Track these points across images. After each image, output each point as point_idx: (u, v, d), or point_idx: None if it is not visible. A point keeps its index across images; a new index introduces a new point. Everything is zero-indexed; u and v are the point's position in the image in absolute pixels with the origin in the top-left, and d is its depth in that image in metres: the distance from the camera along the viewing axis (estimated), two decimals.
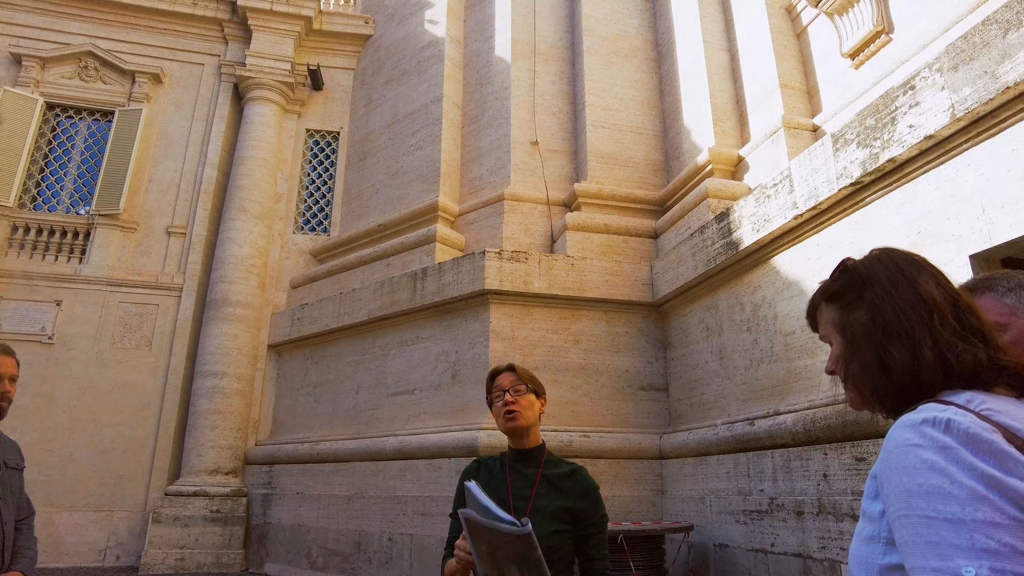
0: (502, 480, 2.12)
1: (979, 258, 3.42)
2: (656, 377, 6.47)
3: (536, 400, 2.19)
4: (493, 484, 2.10)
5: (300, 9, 9.93)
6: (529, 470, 2.12)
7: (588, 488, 2.10)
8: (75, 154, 9.35)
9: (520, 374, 2.20)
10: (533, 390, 2.19)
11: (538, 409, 2.19)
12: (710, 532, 5.19)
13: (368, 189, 9.10)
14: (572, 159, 8.00)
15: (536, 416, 2.17)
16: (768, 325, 5.01)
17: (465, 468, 2.23)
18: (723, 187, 6.37)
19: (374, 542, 6.41)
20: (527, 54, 8.34)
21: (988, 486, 0.77)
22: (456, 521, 2.11)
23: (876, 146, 3.94)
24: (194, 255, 8.90)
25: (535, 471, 2.11)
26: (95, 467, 7.87)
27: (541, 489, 2.07)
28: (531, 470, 2.11)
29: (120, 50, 9.64)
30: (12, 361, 2.40)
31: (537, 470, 2.11)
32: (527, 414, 2.13)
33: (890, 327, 0.97)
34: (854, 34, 5.83)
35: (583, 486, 2.10)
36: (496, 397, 2.19)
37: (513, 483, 2.10)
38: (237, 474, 7.98)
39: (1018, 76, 3.12)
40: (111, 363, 8.27)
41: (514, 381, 2.17)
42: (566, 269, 6.49)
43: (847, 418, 3.94)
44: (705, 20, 7.39)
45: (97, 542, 7.66)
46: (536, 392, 2.20)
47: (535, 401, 2.18)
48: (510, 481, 2.11)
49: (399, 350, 7.12)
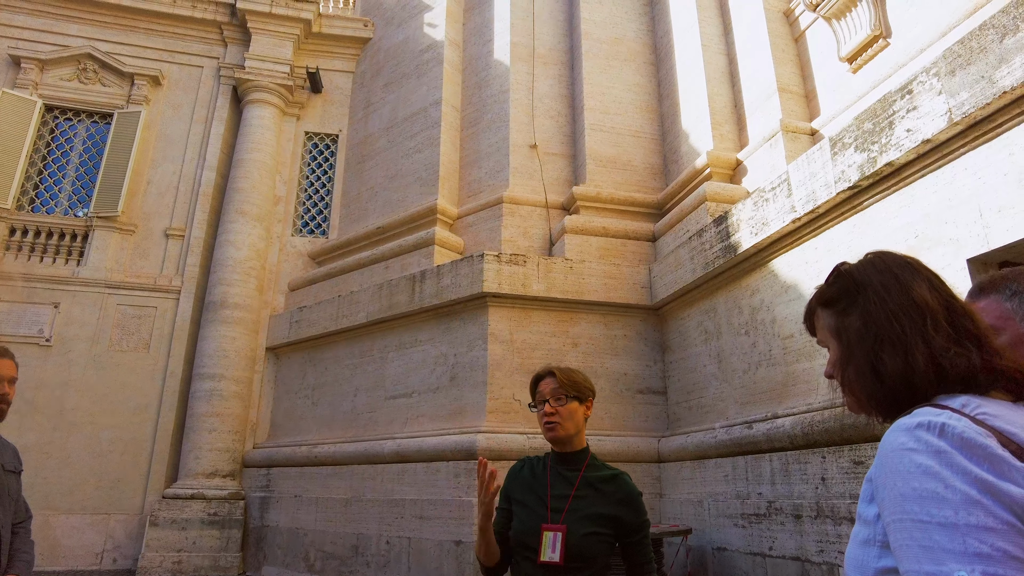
0: (543, 480, 2.14)
1: (976, 262, 3.43)
2: (654, 380, 6.47)
3: (579, 407, 2.16)
4: (534, 483, 2.15)
5: (299, 12, 9.94)
6: (570, 472, 2.12)
7: (629, 493, 2.09)
8: (73, 156, 9.35)
9: (561, 379, 2.16)
10: (576, 396, 2.15)
11: (581, 416, 2.16)
12: (708, 536, 5.19)
13: (367, 192, 9.10)
14: (571, 162, 8.01)
15: (578, 424, 2.15)
16: (766, 328, 5.02)
17: (512, 466, 2.27)
18: (721, 190, 6.38)
19: (372, 545, 6.40)
20: (526, 57, 8.36)
21: (982, 490, 0.77)
22: (501, 515, 2.18)
23: (874, 150, 3.95)
24: (192, 257, 8.89)
25: (576, 473, 2.11)
26: (92, 470, 7.85)
27: (580, 491, 2.08)
28: (572, 472, 2.12)
29: (119, 52, 9.64)
30: (11, 363, 2.39)
31: (578, 472, 2.11)
32: (567, 424, 2.12)
33: (882, 333, 0.97)
34: (852, 38, 5.85)
35: (623, 491, 2.09)
36: (539, 403, 2.18)
37: (553, 483, 2.11)
38: (235, 477, 7.97)
39: (1015, 81, 3.13)
40: (109, 365, 8.26)
41: (555, 389, 2.14)
42: (564, 272, 6.49)
43: (845, 422, 3.95)
44: (703, 24, 7.41)
45: (94, 545, 7.64)
46: (580, 397, 2.16)
47: (577, 408, 2.15)
48: (550, 481, 2.12)
49: (397, 353, 7.11)
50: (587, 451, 2.18)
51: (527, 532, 2.06)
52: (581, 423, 2.16)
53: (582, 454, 2.16)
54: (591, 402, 2.21)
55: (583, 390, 2.18)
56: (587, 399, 2.19)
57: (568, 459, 2.15)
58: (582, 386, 2.18)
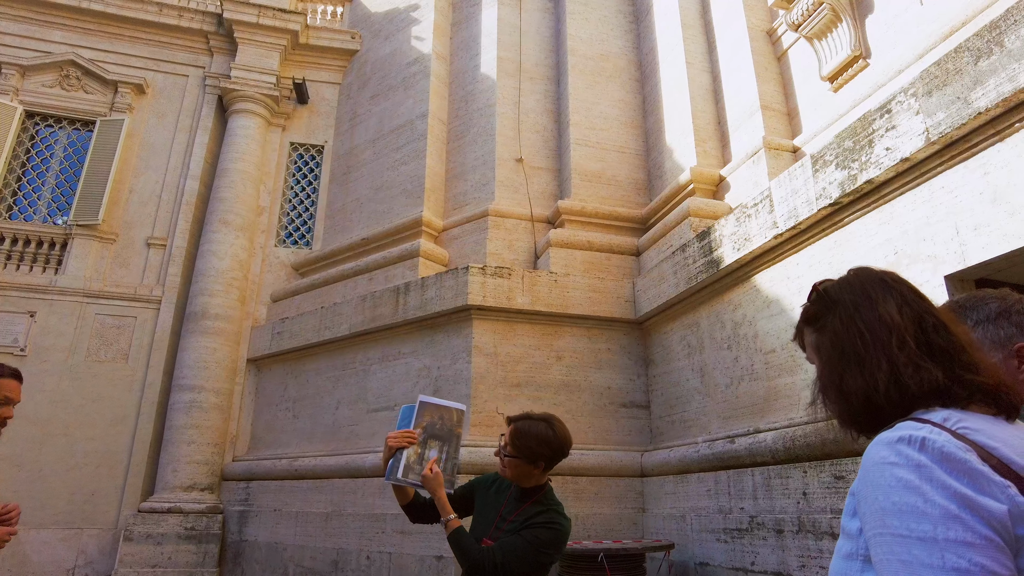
0: (501, 501, 2.40)
1: (954, 279, 3.48)
2: (638, 394, 6.48)
3: (526, 466, 2.30)
4: (495, 501, 2.43)
5: (286, 23, 9.94)
6: (520, 503, 2.36)
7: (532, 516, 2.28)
8: (54, 163, 9.23)
9: (511, 434, 2.33)
10: (520, 456, 2.29)
11: (527, 473, 2.32)
12: (691, 551, 5.18)
13: (352, 203, 9.07)
14: (556, 176, 8.05)
15: (522, 477, 2.33)
16: (749, 343, 5.05)
17: (485, 476, 2.54)
18: (704, 206, 6.44)
19: (352, 560, 6.31)
20: (513, 72, 8.42)
21: (961, 505, 0.78)
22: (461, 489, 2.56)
23: (854, 167, 4.02)
24: (174, 267, 8.79)
25: (523, 504, 2.35)
26: (65, 483, 7.68)
27: (518, 519, 2.32)
28: (520, 504, 2.35)
29: (103, 60, 9.56)
30: (16, 385, 2.40)
31: (525, 504, 2.34)
32: (510, 472, 2.35)
33: (846, 350, 0.99)
34: (833, 58, 5.96)
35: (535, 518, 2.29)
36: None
37: (508, 505, 2.37)
38: (213, 490, 7.83)
39: (989, 102, 3.21)
40: (86, 376, 8.11)
41: (509, 440, 2.34)
42: (549, 285, 6.50)
43: (826, 437, 3.97)
44: (688, 42, 7.52)
45: (65, 561, 7.44)
46: (526, 459, 2.29)
47: (522, 466, 2.31)
48: (506, 503, 2.38)
49: (380, 365, 7.06)
50: (539, 489, 2.35)
51: (476, 539, 2.34)
52: (525, 473, 2.32)
53: (534, 491, 2.35)
54: (543, 465, 2.32)
55: (532, 455, 2.29)
56: (535, 461, 2.30)
57: (523, 492, 2.36)
58: (532, 450, 2.29)
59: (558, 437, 2.33)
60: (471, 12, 9.14)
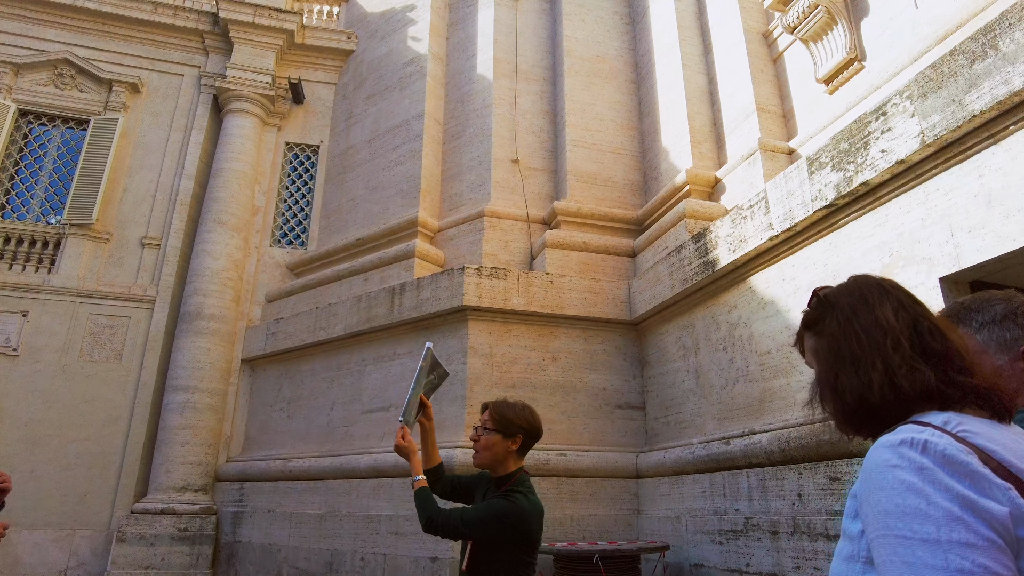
0: (481, 496, 2.42)
1: (948, 281, 3.50)
2: (633, 395, 6.48)
3: (501, 440, 2.33)
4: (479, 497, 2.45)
5: (283, 23, 9.91)
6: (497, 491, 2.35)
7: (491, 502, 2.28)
8: (47, 162, 9.18)
9: (491, 412, 2.39)
10: (498, 429, 2.34)
11: (501, 448, 2.34)
12: (686, 552, 5.18)
13: (347, 203, 9.05)
14: (552, 177, 8.05)
15: (496, 455, 2.35)
16: (744, 345, 5.06)
17: (480, 473, 2.53)
18: (700, 208, 6.45)
19: (347, 562, 6.29)
20: (509, 73, 8.42)
21: (963, 507, 0.78)
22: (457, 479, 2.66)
23: (850, 169, 4.03)
24: (168, 267, 8.75)
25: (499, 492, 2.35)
26: (58, 484, 7.63)
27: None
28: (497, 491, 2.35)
29: (97, 58, 9.52)
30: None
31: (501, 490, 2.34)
32: (484, 454, 2.35)
33: (842, 353, 1.02)
34: (828, 61, 5.98)
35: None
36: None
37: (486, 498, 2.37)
38: (207, 491, 7.79)
39: (984, 105, 3.22)
40: (78, 376, 8.06)
41: (484, 420, 2.39)
42: (545, 286, 6.50)
43: (821, 438, 3.98)
44: (684, 44, 7.53)
45: (57, 562, 7.40)
46: (504, 431, 2.33)
47: (498, 442, 2.33)
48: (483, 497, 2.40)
49: (375, 366, 7.04)
50: (511, 476, 2.35)
51: None
52: (500, 455, 2.34)
53: (505, 479, 2.34)
54: (520, 438, 2.35)
55: (509, 425, 2.34)
56: (514, 434, 2.34)
57: (499, 481, 2.37)
58: (511, 421, 2.35)
59: (533, 416, 2.42)
60: (467, 13, 9.14)
